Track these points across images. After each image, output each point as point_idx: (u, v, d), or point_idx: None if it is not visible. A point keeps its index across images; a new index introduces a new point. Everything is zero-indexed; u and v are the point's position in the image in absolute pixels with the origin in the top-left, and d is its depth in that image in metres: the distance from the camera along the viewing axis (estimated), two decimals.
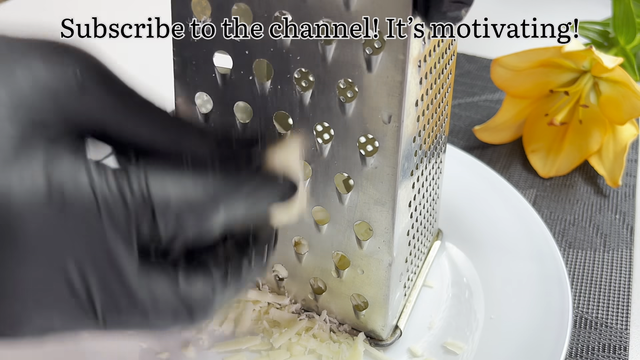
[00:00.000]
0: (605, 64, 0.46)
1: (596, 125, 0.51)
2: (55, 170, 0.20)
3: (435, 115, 0.34)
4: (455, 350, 0.35)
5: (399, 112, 0.27)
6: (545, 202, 0.49)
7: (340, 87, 0.28)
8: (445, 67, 0.33)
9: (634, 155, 0.55)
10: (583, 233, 0.46)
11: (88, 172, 0.21)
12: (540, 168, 0.52)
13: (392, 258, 0.32)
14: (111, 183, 0.21)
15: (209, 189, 0.23)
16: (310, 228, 0.33)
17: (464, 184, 0.46)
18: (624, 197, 0.50)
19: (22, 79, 0.21)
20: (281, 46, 0.28)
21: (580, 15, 0.67)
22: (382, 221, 0.31)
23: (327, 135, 0.36)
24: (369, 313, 0.34)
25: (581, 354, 0.37)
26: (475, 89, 0.65)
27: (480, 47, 0.73)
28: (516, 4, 0.85)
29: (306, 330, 0.36)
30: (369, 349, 0.35)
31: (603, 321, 0.39)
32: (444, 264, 0.41)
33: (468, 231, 0.43)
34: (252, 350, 0.35)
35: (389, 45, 0.26)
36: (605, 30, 0.59)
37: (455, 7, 0.24)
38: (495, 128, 0.55)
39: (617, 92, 0.48)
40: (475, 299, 0.39)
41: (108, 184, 0.21)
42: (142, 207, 0.21)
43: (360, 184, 0.30)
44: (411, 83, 0.27)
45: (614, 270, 0.43)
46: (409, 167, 0.30)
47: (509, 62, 0.50)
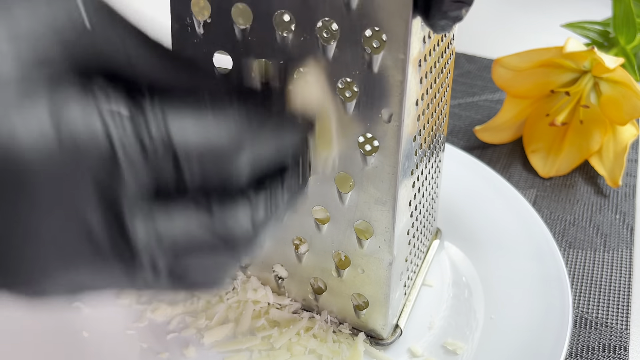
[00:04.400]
0: (607, 65, 0.46)
1: (597, 125, 0.51)
2: (65, 114, 0.19)
3: (434, 114, 0.34)
4: (455, 350, 0.35)
5: (400, 112, 0.27)
6: (545, 202, 0.49)
7: (338, 87, 0.28)
8: (445, 67, 0.33)
9: (634, 156, 0.55)
10: (583, 233, 0.46)
11: (101, 116, 0.19)
12: (541, 168, 0.52)
13: (392, 257, 0.32)
14: (127, 128, 0.20)
15: (232, 132, 0.22)
16: (310, 228, 0.33)
17: (464, 184, 0.46)
18: (624, 197, 0.50)
19: (21, 14, 0.19)
20: (281, 46, 0.28)
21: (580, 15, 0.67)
22: (383, 220, 0.31)
23: None
24: (369, 312, 0.34)
25: (581, 354, 0.37)
26: (475, 89, 0.65)
27: (480, 47, 0.73)
28: (516, 4, 0.85)
29: (306, 330, 0.36)
30: (369, 348, 0.35)
31: (603, 321, 0.39)
32: (444, 264, 0.41)
33: (468, 231, 0.43)
34: (252, 350, 0.35)
35: (389, 44, 0.26)
36: (605, 30, 0.59)
37: (455, 7, 0.24)
38: (496, 128, 0.55)
39: (617, 92, 0.48)
40: (475, 299, 0.39)
41: (124, 128, 0.19)
42: (163, 153, 0.20)
43: (360, 184, 0.30)
44: (411, 82, 0.27)
45: (614, 270, 0.43)
46: (409, 166, 0.30)
47: (510, 62, 0.50)
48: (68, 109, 0.19)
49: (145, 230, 0.20)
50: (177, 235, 0.21)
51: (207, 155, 0.21)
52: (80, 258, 0.20)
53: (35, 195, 0.19)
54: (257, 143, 0.23)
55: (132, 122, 0.20)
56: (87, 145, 0.19)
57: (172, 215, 0.21)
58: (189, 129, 0.21)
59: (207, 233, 0.22)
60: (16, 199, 0.19)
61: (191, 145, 0.21)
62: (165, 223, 0.21)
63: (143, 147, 0.20)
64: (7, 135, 0.18)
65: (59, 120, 0.19)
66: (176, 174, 0.21)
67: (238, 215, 0.22)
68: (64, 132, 0.19)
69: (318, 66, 0.28)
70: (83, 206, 0.20)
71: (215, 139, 0.22)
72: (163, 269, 0.21)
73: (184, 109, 0.21)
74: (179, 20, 0.29)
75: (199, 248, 0.22)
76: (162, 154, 0.20)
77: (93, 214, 0.20)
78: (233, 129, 0.22)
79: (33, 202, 0.19)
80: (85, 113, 0.19)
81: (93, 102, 0.20)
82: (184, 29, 0.29)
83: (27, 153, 0.18)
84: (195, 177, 0.21)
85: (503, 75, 0.51)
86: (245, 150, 0.22)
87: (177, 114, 0.21)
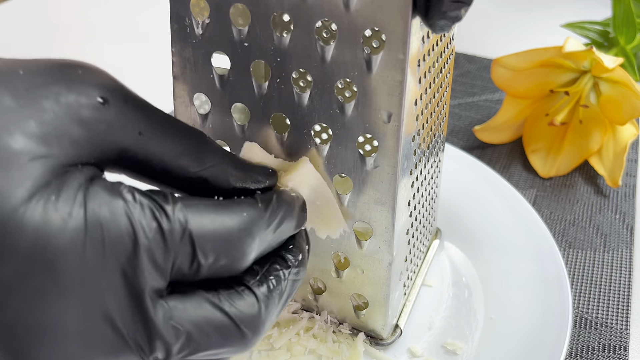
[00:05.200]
0: (606, 64, 0.46)
1: (596, 125, 0.51)
2: (91, 202, 0.20)
3: (434, 114, 0.34)
4: (455, 350, 0.35)
5: (399, 112, 0.27)
6: (545, 202, 0.49)
7: (337, 87, 0.28)
8: (444, 66, 0.33)
9: (634, 155, 0.55)
10: (583, 233, 0.46)
11: (125, 204, 0.20)
12: (540, 168, 0.52)
13: (392, 257, 0.32)
14: (148, 216, 0.21)
15: (245, 220, 0.23)
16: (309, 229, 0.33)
17: (464, 184, 0.46)
18: (624, 197, 0.50)
19: (49, 108, 0.20)
20: (279, 47, 0.28)
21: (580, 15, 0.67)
22: (382, 221, 0.31)
23: (325, 135, 0.36)
24: (369, 312, 0.34)
25: (581, 354, 0.37)
26: (475, 89, 0.65)
27: (480, 47, 0.73)
28: (516, 4, 0.85)
29: (306, 330, 0.36)
30: (369, 348, 0.35)
31: (603, 321, 0.39)
32: (444, 264, 0.41)
33: (468, 231, 0.43)
34: (252, 350, 0.35)
35: (389, 44, 0.26)
36: (605, 30, 0.59)
37: (455, 7, 0.24)
38: (496, 128, 0.55)
39: (617, 92, 0.48)
40: (475, 299, 0.39)
41: (146, 217, 0.20)
42: (183, 243, 0.21)
43: (359, 184, 0.30)
44: (410, 82, 0.27)
45: (614, 270, 0.43)
46: (409, 166, 0.30)
47: (509, 62, 0.50)
48: (95, 195, 0.20)
49: (163, 317, 0.21)
50: (191, 318, 0.22)
51: (221, 244, 0.22)
52: (101, 347, 0.20)
53: (64, 281, 0.19)
54: (265, 235, 0.24)
55: (153, 208, 0.21)
56: (112, 232, 0.20)
57: (185, 300, 0.22)
58: (205, 218, 0.22)
59: (217, 312, 0.23)
60: (45, 285, 0.19)
61: (208, 235, 0.22)
62: (180, 307, 0.22)
63: (162, 232, 0.21)
64: (42, 220, 0.19)
65: (87, 207, 0.20)
66: (192, 259, 0.22)
67: (241, 298, 0.23)
68: (90, 220, 0.19)
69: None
70: (108, 294, 0.20)
71: (229, 229, 0.23)
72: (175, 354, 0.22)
73: (196, 197, 0.23)
74: (179, 20, 0.29)
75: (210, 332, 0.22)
76: (180, 237, 0.21)
77: (116, 302, 0.20)
78: (246, 219, 0.23)
79: (61, 290, 0.19)
80: (110, 199, 0.20)
81: (117, 188, 0.21)
82: (183, 29, 0.29)
83: (58, 236, 0.19)
84: (210, 268, 0.22)
85: (503, 75, 0.51)
86: (256, 241, 0.24)
87: (192, 201, 0.22)
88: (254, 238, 0.23)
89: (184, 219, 0.21)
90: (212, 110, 0.31)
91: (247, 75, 0.29)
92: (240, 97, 0.30)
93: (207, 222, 0.22)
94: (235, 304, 0.23)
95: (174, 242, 0.21)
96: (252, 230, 0.23)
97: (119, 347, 0.21)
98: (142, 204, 0.21)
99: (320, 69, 0.27)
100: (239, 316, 0.23)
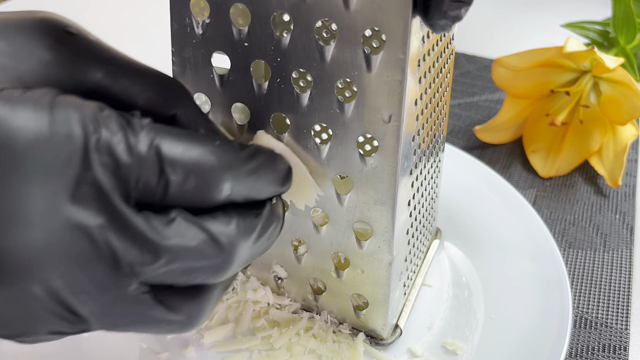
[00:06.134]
0: (607, 64, 0.46)
1: (596, 125, 0.51)
2: (58, 102, 0.21)
3: (434, 114, 0.34)
4: (455, 350, 0.35)
5: (399, 112, 0.27)
6: (545, 202, 0.49)
7: (337, 87, 0.28)
8: (444, 66, 0.33)
9: (634, 155, 0.55)
10: (583, 233, 0.46)
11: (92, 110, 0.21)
12: (540, 168, 0.52)
13: (392, 257, 0.32)
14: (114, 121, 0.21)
15: (219, 156, 0.23)
16: (309, 229, 0.33)
17: (464, 184, 0.46)
18: (624, 197, 0.50)
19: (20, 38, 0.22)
20: (279, 46, 0.28)
21: (580, 15, 0.67)
22: (382, 220, 0.31)
23: (325, 135, 0.36)
24: (369, 312, 0.34)
25: (581, 354, 0.37)
26: (475, 89, 0.65)
27: (480, 47, 0.73)
28: (516, 4, 0.85)
29: (306, 330, 0.36)
30: (369, 348, 0.35)
31: (603, 321, 0.39)
32: (444, 264, 0.41)
33: (468, 231, 0.43)
34: (252, 350, 0.35)
35: (389, 44, 0.26)
36: (605, 30, 0.59)
37: (455, 7, 0.24)
38: (496, 128, 0.55)
39: (617, 92, 0.48)
40: (475, 299, 0.39)
41: (110, 122, 0.21)
42: (149, 154, 0.21)
43: (359, 184, 0.30)
44: (411, 82, 0.27)
45: (614, 270, 0.43)
46: (409, 166, 0.30)
47: (510, 62, 0.50)
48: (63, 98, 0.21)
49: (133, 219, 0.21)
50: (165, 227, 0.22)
51: (192, 171, 0.22)
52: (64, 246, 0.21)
53: (27, 169, 0.20)
54: (239, 177, 0.24)
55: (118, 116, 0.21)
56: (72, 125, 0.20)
57: (160, 213, 0.22)
58: (177, 143, 0.22)
59: (192, 225, 0.23)
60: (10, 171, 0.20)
61: (178, 158, 0.22)
62: (152, 216, 0.22)
63: (125, 136, 0.21)
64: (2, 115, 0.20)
65: (54, 101, 0.21)
66: (160, 172, 0.22)
67: (218, 221, 0.23)
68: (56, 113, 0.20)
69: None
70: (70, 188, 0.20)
71: (202, 160, 0.23)
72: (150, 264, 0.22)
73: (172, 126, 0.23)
74: (179, 20, 0.29)
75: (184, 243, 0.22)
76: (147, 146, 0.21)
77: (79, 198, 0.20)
78: (221, 155, 0.23)
79: (26, 178, 0.20)
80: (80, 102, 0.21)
81: (85, 100, 0.22)
82: (183, 29, 0.29)
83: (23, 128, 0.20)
84: (175, 191, 0.22)
85: (503, 75, 0.51)
86: (227, 180, 0.23)
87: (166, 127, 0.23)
88: (226, 167, 0.23)
89: (152, 132, 0.22)
90: (212, 110, 0.31)
91: (247, 75, 0.29)
92: (241, 97, 0.30)
93: (175, 137, 0.22)
94: (207, 223, 0.23)
95: (139, 149, 0.21)
96: (225, 159, 0.23)
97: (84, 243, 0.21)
98: (110, 113, 0.21)
99: (320, 68, 0.27)
100: (214, 231, 0.23)
